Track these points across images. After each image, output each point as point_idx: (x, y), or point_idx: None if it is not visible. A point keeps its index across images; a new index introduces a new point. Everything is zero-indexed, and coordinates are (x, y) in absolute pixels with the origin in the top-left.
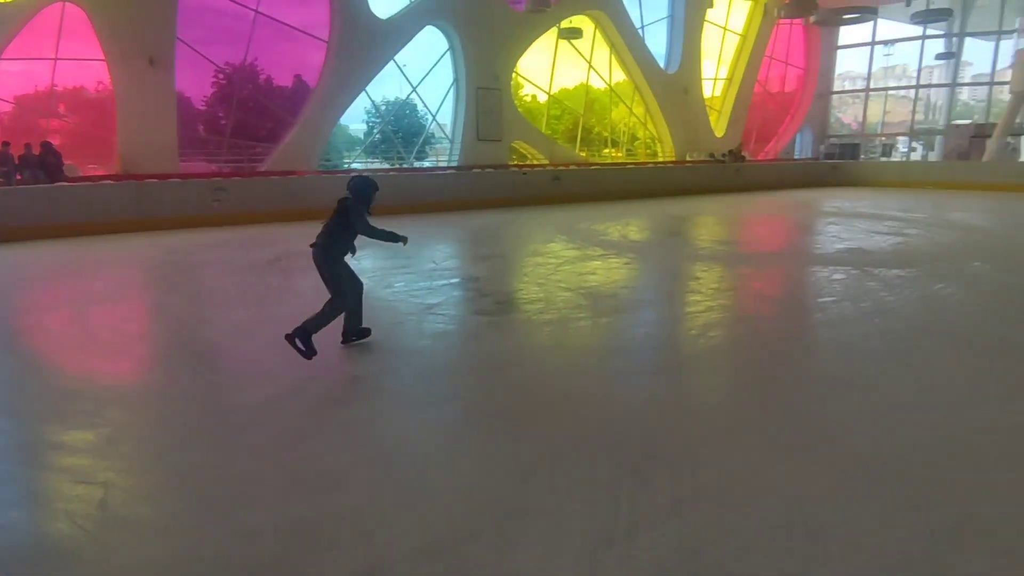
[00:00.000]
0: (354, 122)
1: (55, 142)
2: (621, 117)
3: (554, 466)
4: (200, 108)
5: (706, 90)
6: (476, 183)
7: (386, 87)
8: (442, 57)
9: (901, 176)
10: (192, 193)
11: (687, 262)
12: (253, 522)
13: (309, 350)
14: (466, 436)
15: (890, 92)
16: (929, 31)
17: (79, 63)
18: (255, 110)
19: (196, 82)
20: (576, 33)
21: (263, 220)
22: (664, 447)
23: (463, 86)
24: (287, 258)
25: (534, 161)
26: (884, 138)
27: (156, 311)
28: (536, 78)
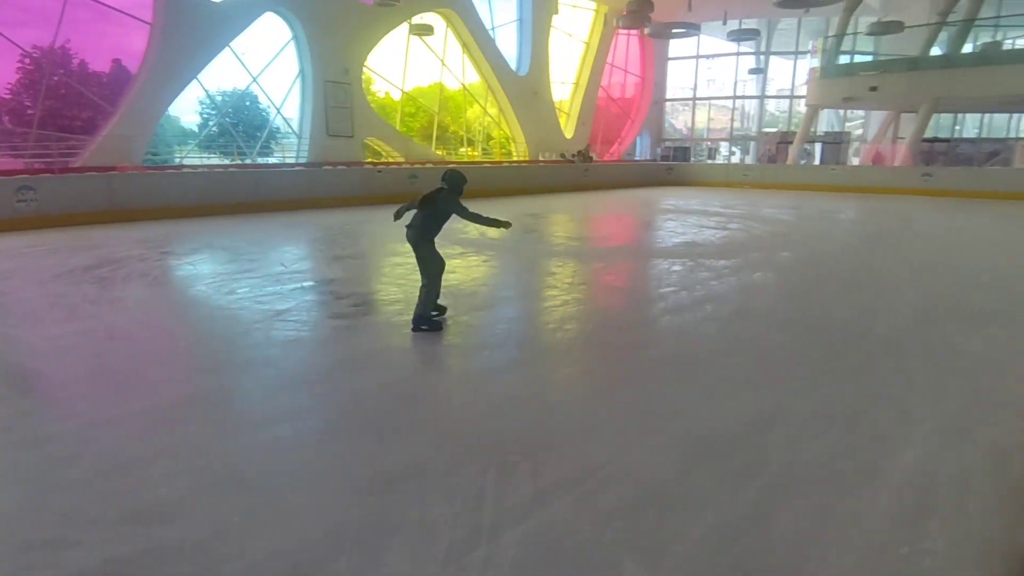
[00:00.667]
0: (186, 113)
1: None
2: (476, 116)
3: (418, 471)
4: (3, 96)
5: (555, 93)
6: (328, 181)
7: (223, 76)
8: (285, 47)
9: (724, 176)
10: None
11: (543, 258)
12: (80, 566)
13: (435, 324)
14: (323, 449)
15: (713, 102)
16: (742, 49)
17: None
18: (68, 98)
19: None
20: (427, 30)
21: (79, 223)
22: (527, 442)
23: (309, 78)
24: (107, 264)
25: (389, 159)
26: (710, 143)
27: None
28: (389, 74)
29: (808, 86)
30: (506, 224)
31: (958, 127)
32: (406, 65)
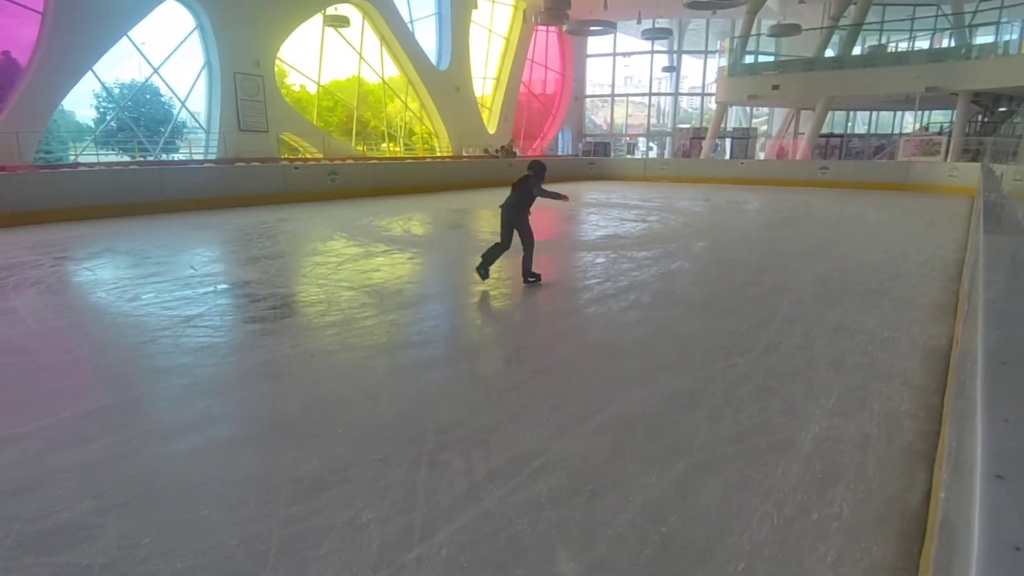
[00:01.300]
0: (82, 108)
1: None
2: (397, 111)
3: (344, 475)
4: None
5: (477, 88)
6: (241, 178)
7: (121, 68)
8: (188, 36)
9: (643, 171)
10: None
11: (469, 254)
12: None
13: (538, 276)
14: (241, 458)
15: (630, 98)
16: (656, 47)
17: None
18: None
19: None
20: (343, 21)
21: None
22: (458, 437)
23: (217, 70)
24: None
25: (307, 155)
26: (629, 138)
27: None
28: (304, 67)
29: (717, 84)
30: (564, 198)
31: (851, 124)
32: (321, 57)
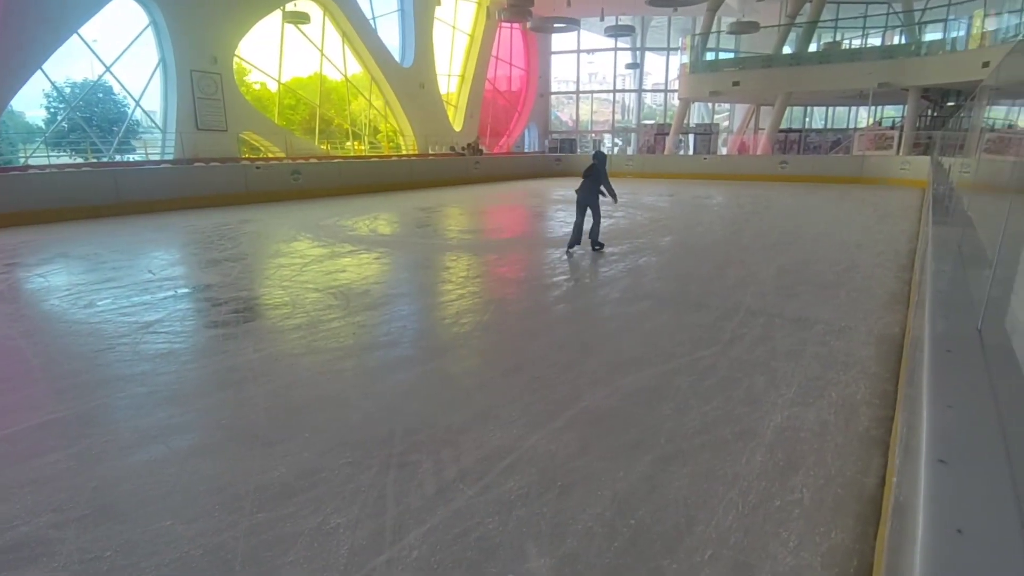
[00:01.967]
0: (31, 108)
1: None
2: (361, 109)
3: (312, 481)
4: None
5: (442, 86)
6: (200, 179)
7: (71, 66)
8: (142, 33)
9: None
10: None
11: (437, 253)
12: None
13: (602, 245)
14: (204, 467)
15: (595, 95)
16: (620, 44)
17: None
18: None
19: None
20: (303, 18)
21: None
22: (427, 438)
23: (172, 67)
24: None
25: (269, 154)
26: (594, 134)
27: None
28: (264, 64)
29: (679, 81)
30: (615, 198)
31: (808, 119)
32: (282, 55)
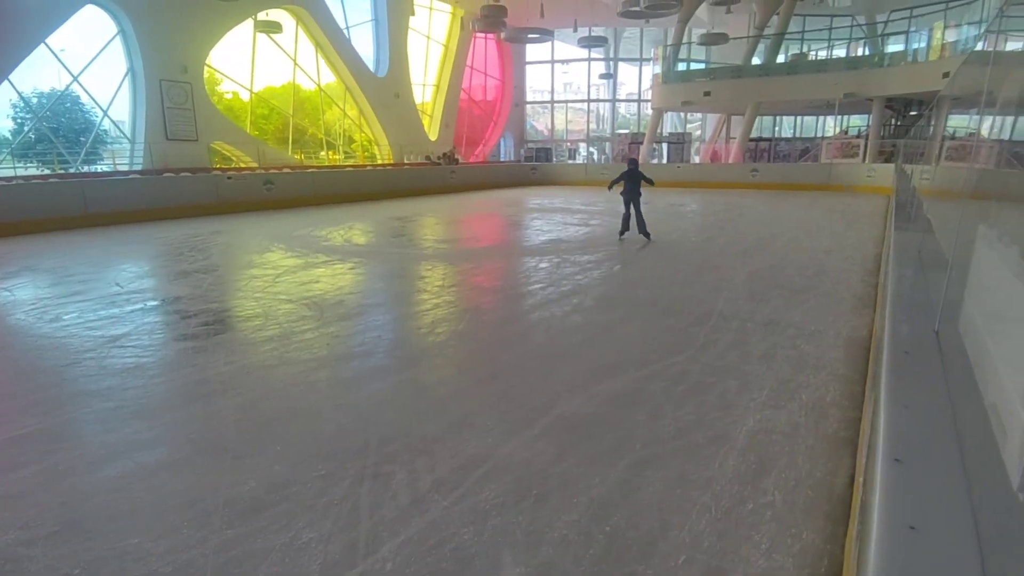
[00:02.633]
0: None
1: None
2: (335, 119)
3: (284, 495)
4: None
5: (417, 95)
6: (170, 189)
7: (38, 76)
8: (110, 42)
9: (584, 176)
10: None
11: (412, 262)
12: None
13: (649, 234)
14: (173, 483)
15: (570, 104)
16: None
17: None
18: None
19: None
20: (275, 27)
21: None
22: (402, 448)
23: (141, 77)
24: None
25: (241, 164)
26: (569, 143)
27: None
28: (235, 74)
29: (652, 91)
30: (652, 182)
31: (778, 128)
32: (253, 64)
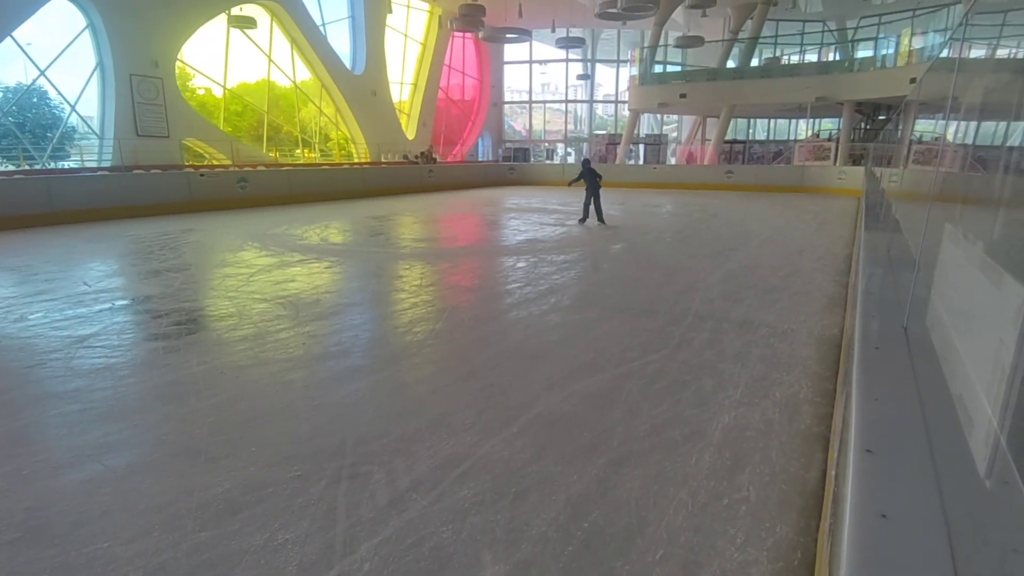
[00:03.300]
0: None
1: None
2: (311, 116)
3: (259, 496)
4: None
5: (394, 94)
6: (140, 187)
7: (4, 70)
8: (79, 36)
9: (561, 176)
10: None
11: (390, 261)
12: None
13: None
14: (145, 485)
15: (548, 105)
16: (571, 56)
17: None
18: None
19: None
20: (249, 23)
21: None
22: (380, 448)
23: (110, 71)
24: None
25: (214, 162)
26: (547, 144)
27: None
28: (208, 69)
29: (629, 92)
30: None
31: (752, 131)
32: (227, 60)
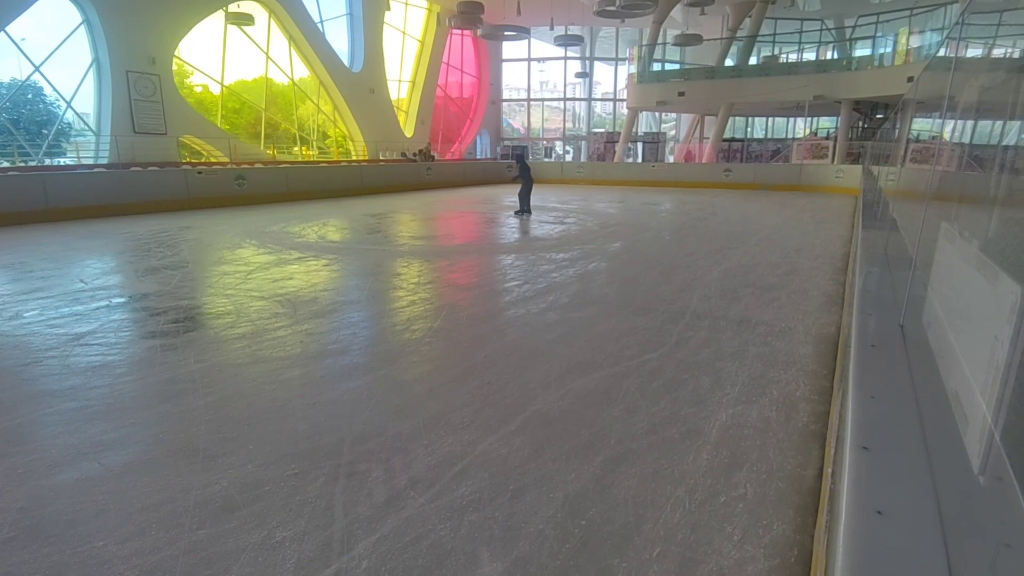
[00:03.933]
0: None
1: None
2: (309, 114)
3: (256, 494)
4: None
5: (392, 91)
6: (137, 184)
7: None
8: (74, 31)
9: (560, 174)
10: None
11: (388, 259)
12: None
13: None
14: (140, 484)
15: (546, 103)
16: (569, 53)
17: None
18: None
19: None
20: (247, 19)
21: None
22: (377, 446)
23: (107, 68)
24: None
25: (212, 159)
26: (545, 141)
27: None
28: (206, 66)
29: (627, 90)
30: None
31: (750, 129)
32: (224, 57)
